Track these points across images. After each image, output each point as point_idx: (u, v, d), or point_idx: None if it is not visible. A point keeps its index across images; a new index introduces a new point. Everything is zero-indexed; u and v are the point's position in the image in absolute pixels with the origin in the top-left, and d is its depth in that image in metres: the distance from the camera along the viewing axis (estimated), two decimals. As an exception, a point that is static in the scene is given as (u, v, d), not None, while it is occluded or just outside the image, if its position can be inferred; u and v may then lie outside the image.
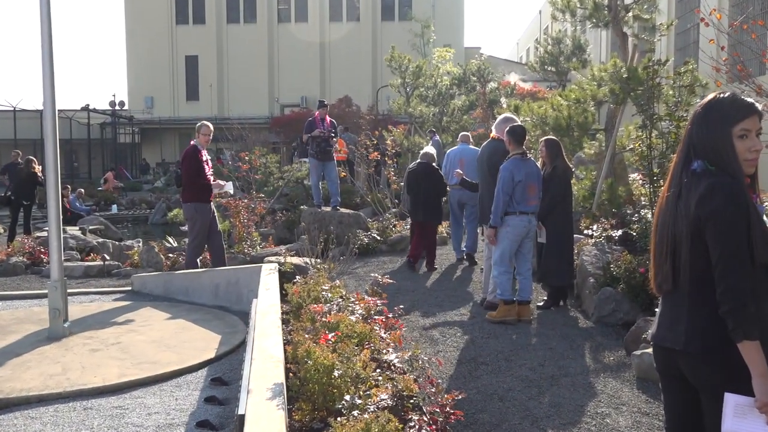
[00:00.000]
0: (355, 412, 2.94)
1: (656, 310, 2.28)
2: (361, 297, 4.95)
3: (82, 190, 20.20)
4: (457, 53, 27.83)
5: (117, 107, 35.61)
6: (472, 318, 5.98)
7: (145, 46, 37.44)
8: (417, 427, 2.98)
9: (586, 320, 5.84)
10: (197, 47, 38.24)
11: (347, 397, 3.07)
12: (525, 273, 5.92)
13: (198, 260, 7.85)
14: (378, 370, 3.59)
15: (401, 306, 5.48)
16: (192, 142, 7.66)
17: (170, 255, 9.27)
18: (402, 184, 9.42)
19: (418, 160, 8.42)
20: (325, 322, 4.10)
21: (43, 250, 9.36)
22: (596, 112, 9.57)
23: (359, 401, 3.03)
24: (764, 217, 2.03)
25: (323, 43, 37.90)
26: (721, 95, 2.12)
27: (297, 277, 6.01)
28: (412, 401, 3.24)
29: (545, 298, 6.41)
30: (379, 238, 9.61)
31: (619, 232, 6.92)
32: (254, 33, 38.14)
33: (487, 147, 6.56)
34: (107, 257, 9.57)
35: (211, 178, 7.71)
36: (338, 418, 2.87)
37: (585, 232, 7.51)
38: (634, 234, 6.64)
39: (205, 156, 7.69)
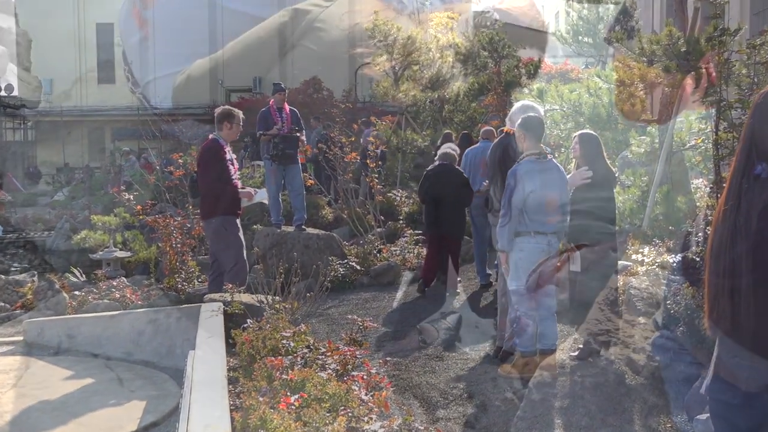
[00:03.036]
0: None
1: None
2: (335, 347, 4.98)
3: (-45, 206, 20.09)
4: (462, 20, 28.12)
5: (2, 93, 35.47)
6: (483, 373, 6.02)
7: (41, 9, 37.46)
8: None
9: (634, 375, 5.90)
10: (112, 12, 38.32)
11: (316, 481, 3.10)
12: (545, 312, 5.93)
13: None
14: (357, 444, 3.62)
15: (388, 358, 5.52)
16: (211, 136, 7.61)
17: (76, 293, 9.20)
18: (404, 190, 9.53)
19: (438, 162, 8.84)
20: (287, 380, 4.13)
21: None
22: (647, 98, 9.70)
23: (332, 485, 3.06)
24: None
25: (283, 7, 38.10)
26: None
27: (248, 320, 6.03)
28: (402, 485, 3.27)
29: (581, 345, 6.46)
30: (358, 267, 9.63)
31: (678, 257, 7.00)
32: (190, -7, 38.28)
33: (500, 145, 6.64)
34: (-10, 297, 9.53)
35: (239, 184, 7.66)
36: None
37: (633, 257, 7.60)
38: (698, 259, 6.73)
39: (230, 154, 7.58)
